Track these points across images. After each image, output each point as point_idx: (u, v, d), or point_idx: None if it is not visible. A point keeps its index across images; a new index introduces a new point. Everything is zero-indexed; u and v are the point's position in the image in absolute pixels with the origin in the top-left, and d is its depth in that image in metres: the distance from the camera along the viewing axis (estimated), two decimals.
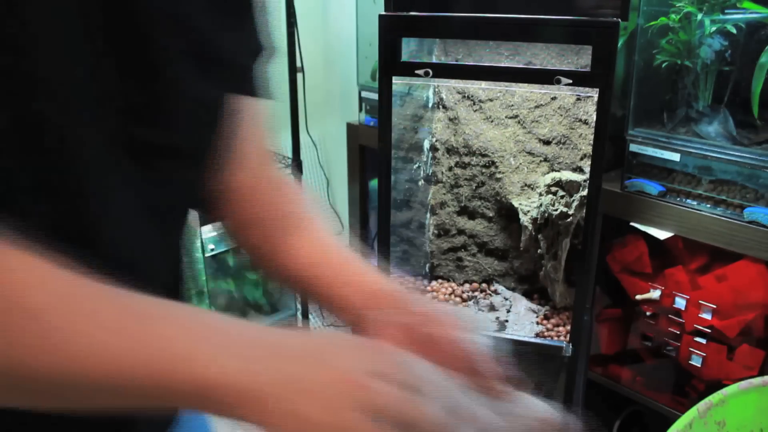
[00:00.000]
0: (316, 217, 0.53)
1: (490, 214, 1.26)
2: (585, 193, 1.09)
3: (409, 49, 1.15)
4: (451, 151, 1.26)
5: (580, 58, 1.10)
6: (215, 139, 0.44)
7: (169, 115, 0.38)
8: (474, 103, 1.23)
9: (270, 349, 0.32)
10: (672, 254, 1.10)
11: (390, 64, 1.03)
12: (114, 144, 0.36)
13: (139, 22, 0.34)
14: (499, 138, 1.21)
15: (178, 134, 0.40)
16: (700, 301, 1.06)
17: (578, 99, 1.14)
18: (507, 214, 1.24)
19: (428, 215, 1.29)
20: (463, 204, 1.27)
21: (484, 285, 1.29)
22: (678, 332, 1.10)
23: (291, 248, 0.50)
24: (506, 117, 1.21)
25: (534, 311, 1.21)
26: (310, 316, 1.85)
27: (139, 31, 0.35)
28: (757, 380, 0.82)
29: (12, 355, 0.28)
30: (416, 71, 1.02)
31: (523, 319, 1.18)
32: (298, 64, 1.64)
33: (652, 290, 1.11)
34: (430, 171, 1.27)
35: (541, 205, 1.14)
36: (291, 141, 2.03)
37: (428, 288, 1.29)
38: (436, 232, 1.29)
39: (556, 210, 1.13)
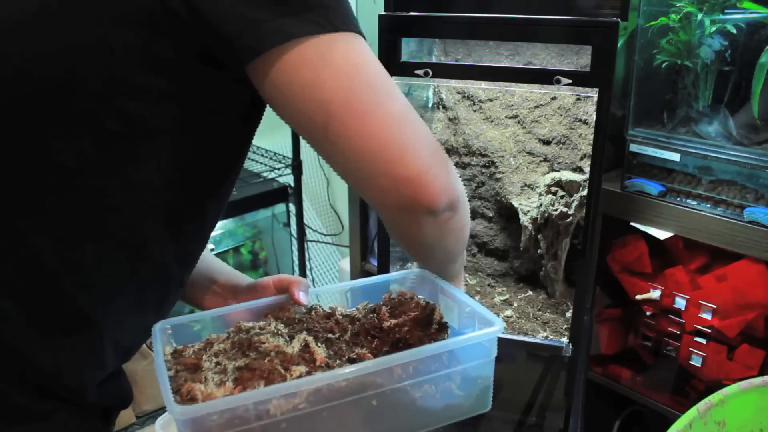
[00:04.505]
0: None
1: (490, 215, 1.26)
2: (585, 193, 1.09)
3: (409, 49, 1.15)
4: (450, 151, 1.26)
5: (580, 58, 1.10)
6: None
7: None
8: (474, 103, 1.23)
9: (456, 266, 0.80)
10: (672, 254, 1.10)
11: (390, 64, 1.03)
12: None
13: None
14: (499, 138, 1.21)
15: None
16: (700, 301, 1.06)
17: (578, 99, 1.14)
18: (507, 214, 1.24)
19: None
20: None
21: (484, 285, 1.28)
22: (678, 332, 1.10)
23: None
24: (506, 117, 1.21)
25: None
26: None
27: None
28: (757, 380, 0.82)
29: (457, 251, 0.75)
30: (416, 71, 1.02)
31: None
32: None
33: (652, 290, 1.11)
34: None
35: (540, 205, 1.14)
36: (291, 141, 2.03)
37: None
38: None
39: (556, 210, 1.13)
